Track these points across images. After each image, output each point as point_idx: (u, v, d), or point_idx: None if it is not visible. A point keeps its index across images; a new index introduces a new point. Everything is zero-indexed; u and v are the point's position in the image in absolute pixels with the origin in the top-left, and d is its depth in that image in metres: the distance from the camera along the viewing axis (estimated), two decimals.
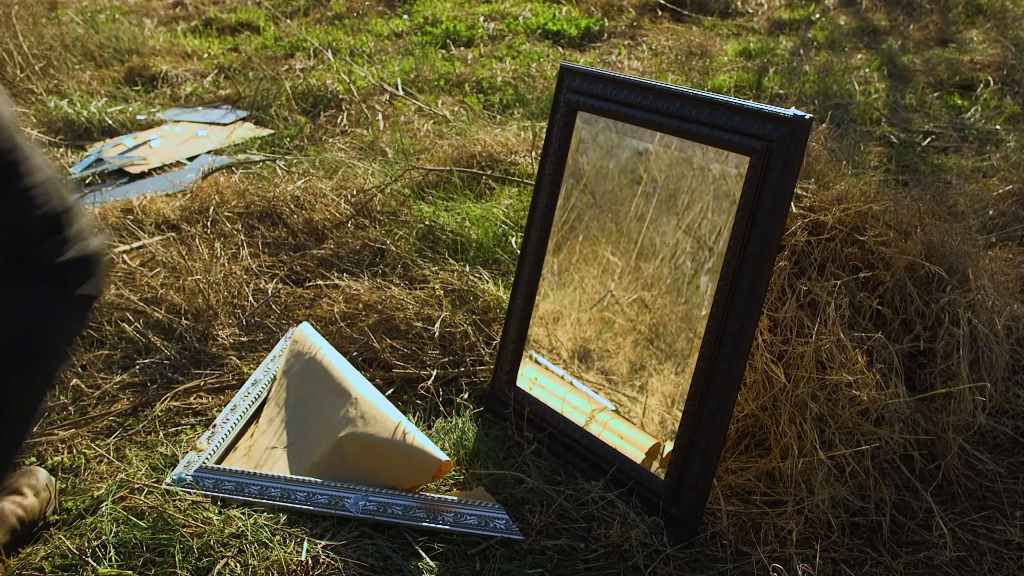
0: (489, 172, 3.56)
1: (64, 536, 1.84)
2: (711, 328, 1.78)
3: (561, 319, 2.23)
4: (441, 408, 2.28)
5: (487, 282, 2.75)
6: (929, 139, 3.87)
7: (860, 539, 1.83)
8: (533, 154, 3.67)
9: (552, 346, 2.25)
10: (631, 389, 2.06)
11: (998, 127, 3.92)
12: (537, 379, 2.22)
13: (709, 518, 1.88)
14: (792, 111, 1.71)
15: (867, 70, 5.00)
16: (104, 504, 1.94)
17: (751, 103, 1.77)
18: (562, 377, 2.18)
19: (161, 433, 2.19)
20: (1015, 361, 2.17)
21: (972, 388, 1.95)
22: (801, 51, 5.39)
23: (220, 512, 1.88)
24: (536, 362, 2.25)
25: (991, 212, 2.87)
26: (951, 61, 5.01)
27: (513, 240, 2.99)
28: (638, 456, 1.94)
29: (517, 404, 2.19)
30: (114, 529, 1.85)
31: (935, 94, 4.52)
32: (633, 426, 2.01)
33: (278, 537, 1.80)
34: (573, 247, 2.18)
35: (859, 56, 5.35)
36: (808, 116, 1.68)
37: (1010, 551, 1.80)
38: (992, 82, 4.58)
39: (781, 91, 4.57)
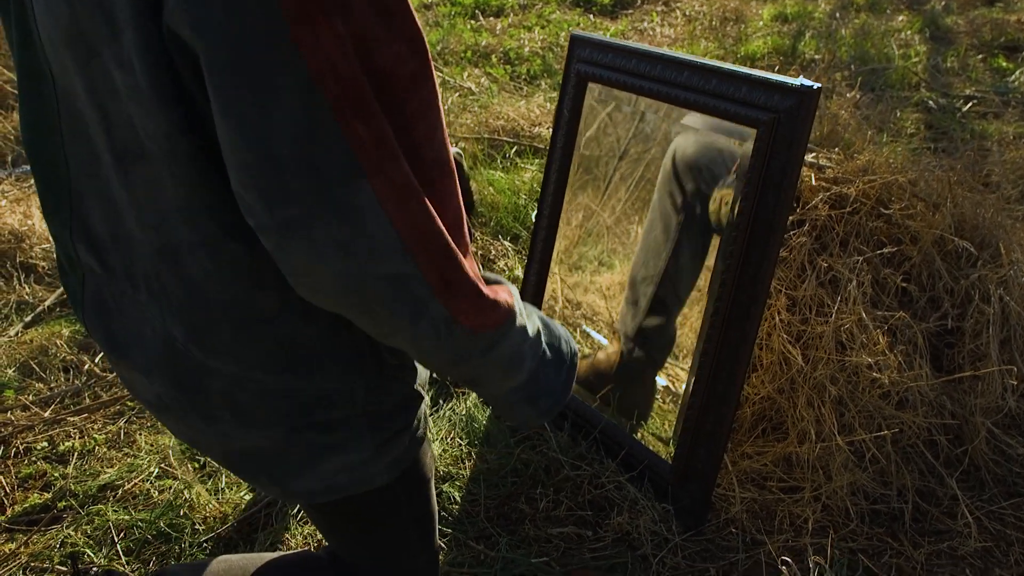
0: (511, 144, 3.49)
1: (71, 524, 1.83)
2: (718, 309, 1.71)
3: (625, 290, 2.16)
4: (452, 389, 2.23)
5: (506, 256, 2.69)
6: (970, 104, 3.71)
7: (880, 527, 1.76)
8: None
9: (612, 319, 2.17)
10: (691, 361, 1.99)
11: None
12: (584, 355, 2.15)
13: (722, 504, 1.82)
14: (800, 80, 1.62)
15: (908, 32, 4.83)
16: (111, 491, 1.93)
17: (758, 72, 1.68)
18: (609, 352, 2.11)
19: None
20: None
21: (1002, 370, 1.85)
22: (838, 14, 5.21)
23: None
24: (586, 335, 2.18)
25: None
26: (997, 21, 4.81)
27: (534, 214, 2.92)
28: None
29: None
30: (121, 517, 1.84)
31: (978, 56, 4.34)
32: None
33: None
34: (643, 216, 2.09)
35: (900, 18, 5.16)
36: (816, 86, 1.59)
37: None
38: None
39: (816, 56, 4.43)
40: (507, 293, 0.98)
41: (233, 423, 1.05)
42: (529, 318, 1.04)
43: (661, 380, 2.11)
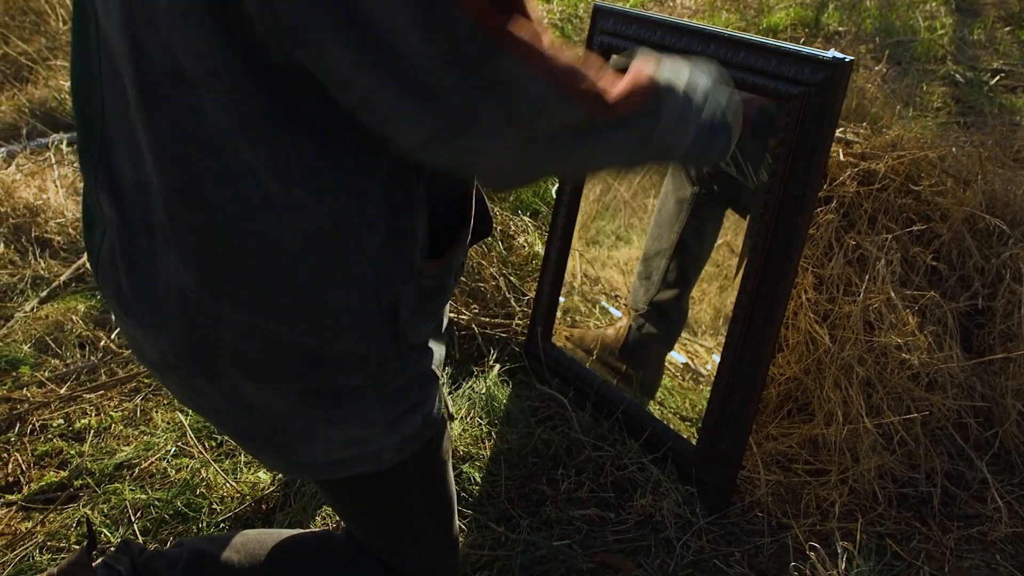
0: None
1: (87, 503, 1.82)
2: (745, 288, 1.67)
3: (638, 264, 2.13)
4: (473, 367, 2.20)
5: (526, 232, 2.65)
6: (998, 77, 3.63)
7: (908, 511, 1.73)
8: None
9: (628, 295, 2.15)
10: (710, 338, 1.96)
11: None
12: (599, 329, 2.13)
13: (747, 487, 1.79)
14: (832, 53, 1.57)
15: (933, 4, 4.73)
16: (128, 469, 1.92)
17: (789, 45, 1.63)
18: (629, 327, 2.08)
19: None
20: None
21: None
22: None
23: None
24: (605, 311, 2.15)
25: None
26: None
27: (555, 189, 2.88)
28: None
29: (551, 362, 2.11)
30: (138, 496, 1.82)
31: (1006, 28, 4.25)
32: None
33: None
34: (659, 189, 2.05)
35: None
36: (848, 59, 1.54)
37: None
38: None
39: (840, 28, 4.35)
40: (641, 66, 1.00)
41: (241, 379, 1.03)
42: (672, 74, 1.04)
43: (680, 357, 2.08)
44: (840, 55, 1.55)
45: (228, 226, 0.93)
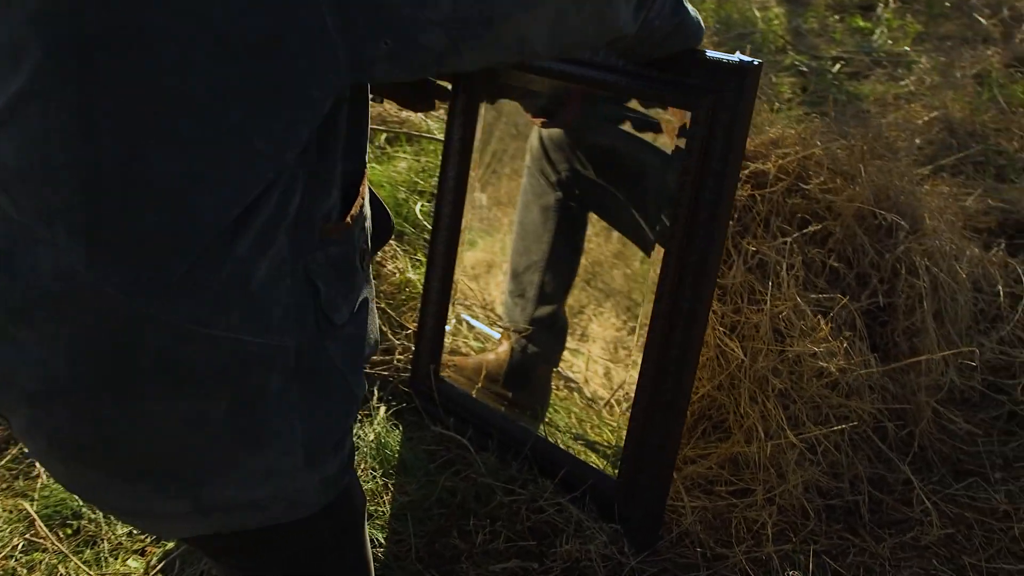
0: (379, 130, 3.26)
1: None
2: (658, 312, 1.55)
3: (493, 269, 2.00)
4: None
5: (395, 258, 2.47)
6: (839, 65, 3.72)
7: (838, 524, 1.67)
8: None
9: (485, 301, 2.01)
10: (571, 339, 1.85)
11: (907, 48, 3.79)
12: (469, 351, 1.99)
13: (672, 516, 1.68)
14: (738, 56, 1.47)
15: None
16: None
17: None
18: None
19: None
20: (975, 308, 2.02)
21: (941, 344, 1.79)
22: None
23: None
24: (469, 326, 2.01)
25: (918, 142, 2.73)
26: None
27: (418, 208, 2.72)
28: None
29: (443, 400, 1.95)
30: None
31: (836, 17, 4.38)
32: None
33: None
34: (499, 187, 1.93)
35: None
36: (757, 62, 1.45)
37: (997, 521, 1.66)
38: (890, 1, 4.46)
39: None
40: None
41: (162, 395, 0.90)
42: None
43: (569, 374, 1.97)
44: (747, 58, 1.46)
45: (164, 210, 0.83)
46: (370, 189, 1.13)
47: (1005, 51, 3.59)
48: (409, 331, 2.19)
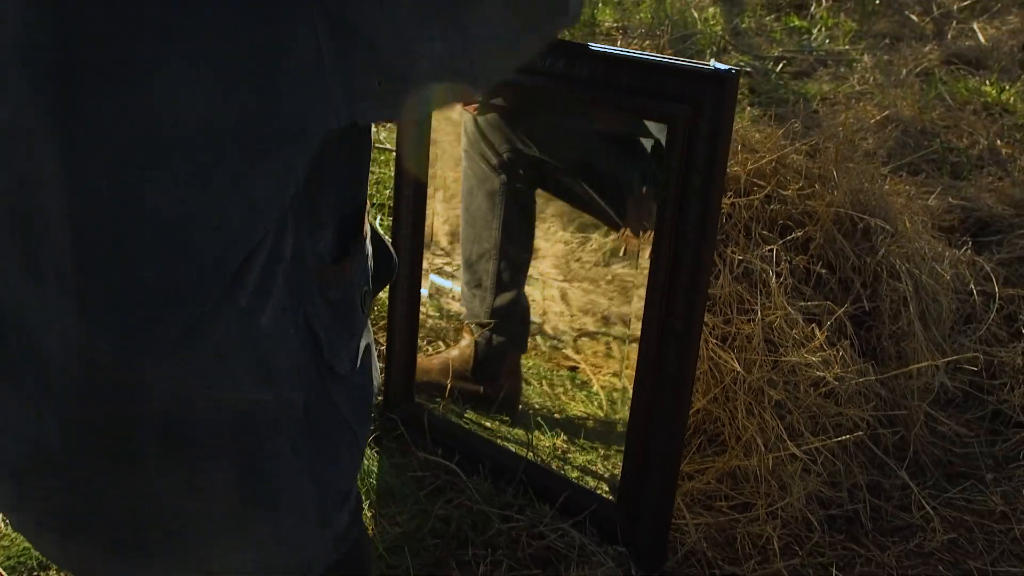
0: None
1: None
2: (649, 335, 1.51)
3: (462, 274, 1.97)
4: None
5: None
6: (781, 65, 3.75)
7: (840, 534, 1.66)
8: None
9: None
10: (561, 353, 1.84)
11: (847, 47, 3.85)
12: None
13: (676, 534, 1.65)
14: (713, 64, 1.43)
15: None
16: None
17: (660, 57, 1.50)
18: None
19: None
20: (956, 308, 2.04)
21: (929, 347, 1.79)
22: None
23: None
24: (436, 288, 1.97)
25: (870, 141, 2.75)
26: None
27: (377, 221, 2.64)
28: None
29: (422, 423, 1.88)
30: None
31: (771, 16, 4.42)
32: None
33: None
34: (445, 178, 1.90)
35: None
36: (734, 70, 1.42)
37: (996, 523, 1.67)
38: (823, 0, 4.52)
39: (615, 24, 4.35)
40: None
41: (163, 462, 0.82)
42: None
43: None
44: (723, 66, 1.42)
45: (167, 255, 0.75)
46: (370, 224, 1.06)
47: (941, 48, 3.67)
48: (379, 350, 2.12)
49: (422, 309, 1.91)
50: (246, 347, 0.80)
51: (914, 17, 4.15)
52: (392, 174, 1.88)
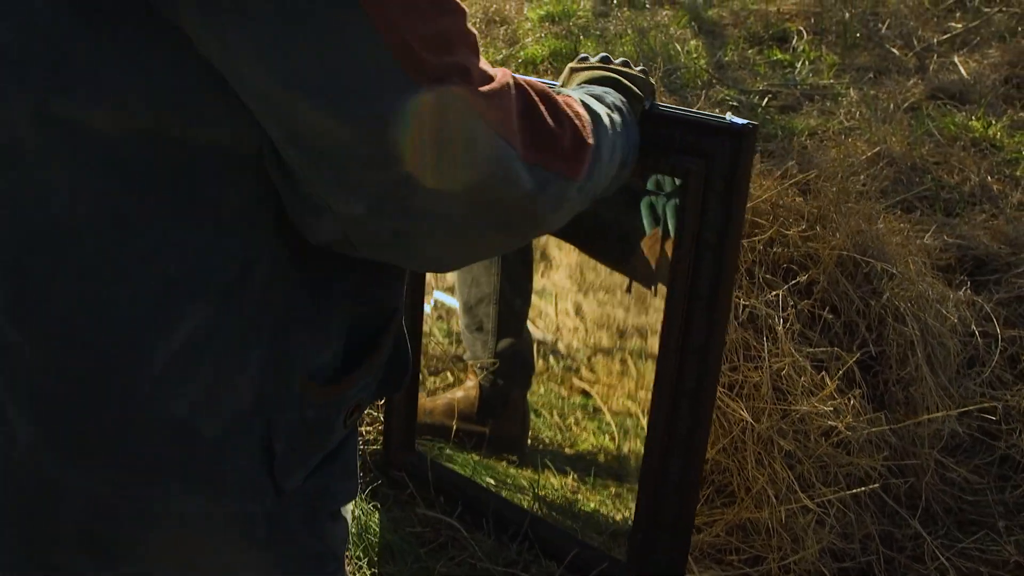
0: None
1: None
2: (662, 393, 1.47)
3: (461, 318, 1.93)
4: None
5: None
6: (767, 99, 3.74)
7: None
8: None
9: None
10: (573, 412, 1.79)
11: (831, 81, 3.85)
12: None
13: None
14: (729, 118, 1.39)
15: (676, 28, 4.87)
16: None
17: (674, 108, 1.45)
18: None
19: None
20: (959, 351, 2.02)
21: (937, 391, 1.76)
22: (604, 6, 5.19)
23: None
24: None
25: (862, 178, 2.74)
26: (759, 13, 4.93)
27: None
28: None
29: (423, 475, 1.83)
30: None
31: (754, 50, 4.43)
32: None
33: None
34: None
35: (664, 13, 5.21)
36: (751, 124, 1.37)
37: (1011, 573, 1.63)
38: (804, 33, 4.54)
39: None
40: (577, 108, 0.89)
41: (97, 572, 0.74)
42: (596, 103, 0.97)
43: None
44: (738, 120, 1.38)
45: (91, 323, 0.69)
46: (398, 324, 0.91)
47: (925, 82, 3.69)
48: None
49: (424, 327, 1.87)
50: (182, 452, 0.72)
51: (895, 51, 4.17)
52: None
